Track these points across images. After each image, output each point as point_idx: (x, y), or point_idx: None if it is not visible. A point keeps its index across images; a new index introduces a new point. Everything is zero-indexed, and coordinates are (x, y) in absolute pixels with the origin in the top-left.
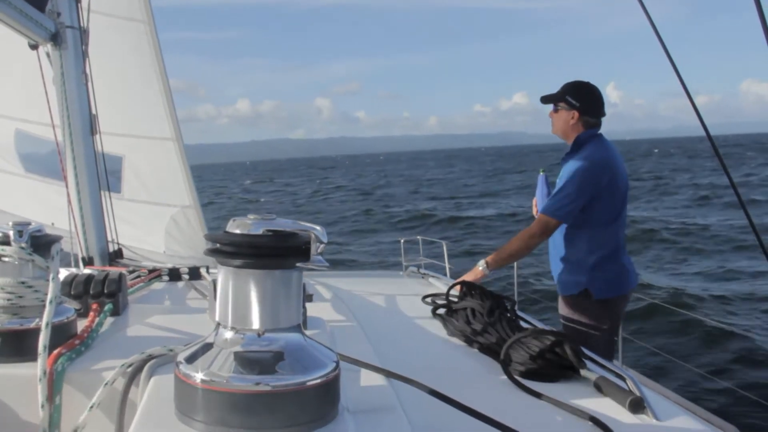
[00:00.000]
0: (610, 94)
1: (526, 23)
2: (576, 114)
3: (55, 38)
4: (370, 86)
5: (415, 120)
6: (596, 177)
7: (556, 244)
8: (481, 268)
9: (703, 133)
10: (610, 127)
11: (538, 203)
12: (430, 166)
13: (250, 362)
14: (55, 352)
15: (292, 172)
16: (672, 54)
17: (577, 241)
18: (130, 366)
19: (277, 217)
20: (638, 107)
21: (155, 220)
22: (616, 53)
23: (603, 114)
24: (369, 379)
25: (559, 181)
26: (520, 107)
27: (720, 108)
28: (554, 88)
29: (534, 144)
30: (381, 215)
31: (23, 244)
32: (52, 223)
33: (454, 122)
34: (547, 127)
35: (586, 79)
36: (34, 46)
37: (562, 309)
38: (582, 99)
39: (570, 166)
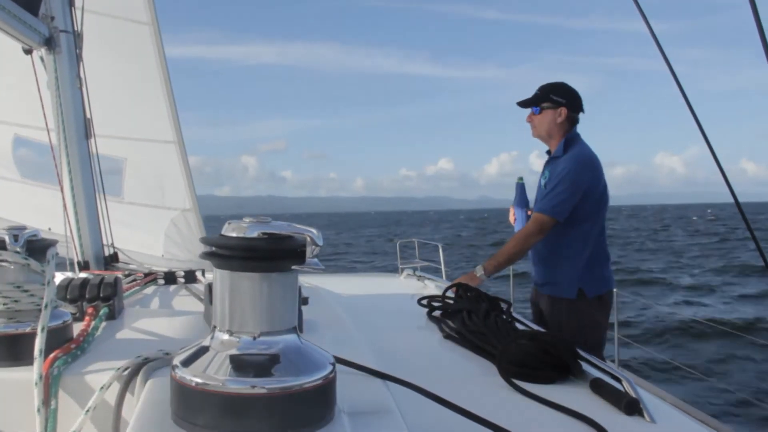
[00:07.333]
0: (533, 162)
1: (447, 90)
2: (564, 111)
3: (49, 43)
4: (297, 145)
5: (342, 181)
6: (587, 174)
7: (547, 247)
8: (478, 274)
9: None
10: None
11: (515, 210)
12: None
13: (246, 365)
14: (51, 356)
15: None
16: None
17: (570, 241)
18: (125, 370)
19: (272, 220)
20: None
21: (155, 223)
22: None
23: (584, 109)
24: (365, 381)
25: (550, 182)
26: (446, 172)
27: (637, 178)
28: (478, 154)
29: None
30: None
31: (19, 249)
32: (49, 228)
33: (380, 185)
34: (473, 192)
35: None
36: (28, 51)
37: (557, 312)
38: (566, 96)
39: (561, 165)
